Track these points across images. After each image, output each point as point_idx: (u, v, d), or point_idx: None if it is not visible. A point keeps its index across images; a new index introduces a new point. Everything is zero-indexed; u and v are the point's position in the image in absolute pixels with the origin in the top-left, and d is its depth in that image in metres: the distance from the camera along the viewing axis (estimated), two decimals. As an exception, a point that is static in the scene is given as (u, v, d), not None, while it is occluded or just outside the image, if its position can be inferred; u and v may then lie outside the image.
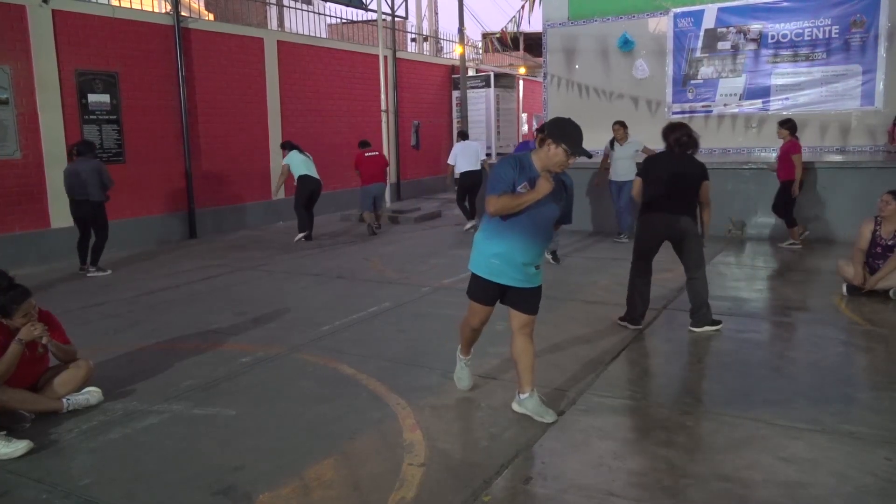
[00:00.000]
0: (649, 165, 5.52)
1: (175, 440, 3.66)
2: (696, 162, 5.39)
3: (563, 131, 3.46)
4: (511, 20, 13.86)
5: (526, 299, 3.71)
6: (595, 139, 12.50)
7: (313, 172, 10.29)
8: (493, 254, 3.62)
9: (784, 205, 8.65)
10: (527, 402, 3.77)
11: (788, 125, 8.61)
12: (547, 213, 3.57)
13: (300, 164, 10.23)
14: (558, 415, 3.78)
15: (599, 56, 12.73)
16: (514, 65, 27.70)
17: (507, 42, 14.22)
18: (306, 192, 10.20)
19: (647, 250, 5.41)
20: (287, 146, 10.60)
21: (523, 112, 21.22)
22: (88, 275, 8.13)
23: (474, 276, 3.74)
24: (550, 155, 3.47)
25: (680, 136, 5.42)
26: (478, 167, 10.80)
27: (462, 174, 10.79)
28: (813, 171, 9.16)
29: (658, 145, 12.93)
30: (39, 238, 9.11)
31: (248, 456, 3.43)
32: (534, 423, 3.69)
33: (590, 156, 3.71)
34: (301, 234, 10.29)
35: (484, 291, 3.72)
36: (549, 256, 7.91)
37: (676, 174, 5.30)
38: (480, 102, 18.03)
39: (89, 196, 7.98)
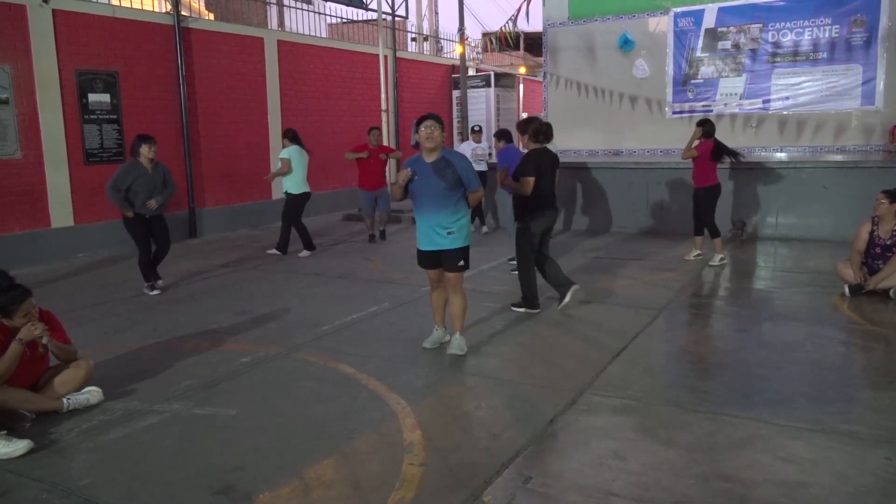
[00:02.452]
0: (538, 161, 5.81)
1: (175, 440, 3.66)
2: (552, 151, 6.06)
3: (417, 121, 4.69)
4: (509, 19, 13.86)
5: (447, 259, 4.75)
6: (595, 139, 12.64)
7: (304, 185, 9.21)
8: (417, 228, 4.83)
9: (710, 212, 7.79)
10: (452, 340, 4.87)
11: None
12: (432, 186, 4.60)
13: (295, 173, 9.10)
14: (558, 414, 3.79)
15: (600, 56, 12.72)
16: (515, 64, 27.69)
17: (504, 42, 14.21)
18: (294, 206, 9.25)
19: (536, 242, 5.95)
20: (289, 136, 9.29)
21: (523, 112, 21.21)
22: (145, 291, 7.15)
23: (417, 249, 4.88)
24: (420, 137, 4.65)
25: (539, 127, 5.94)
26: None
27: None
28: (812, 171, 9.17)
29: (657, 145, 12.87)
30: (39, 238, 9.10)
31: (248, 456, 3.43)
32: (534, 424, 3.69)
33: (418, 125, 4.66)
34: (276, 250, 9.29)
35: (420, 258, 4.87)
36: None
37: (551, 167, 5.96)
38: (481, 102, 18.02)
39: None
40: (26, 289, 3.90)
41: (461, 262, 4.74)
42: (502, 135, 7.74)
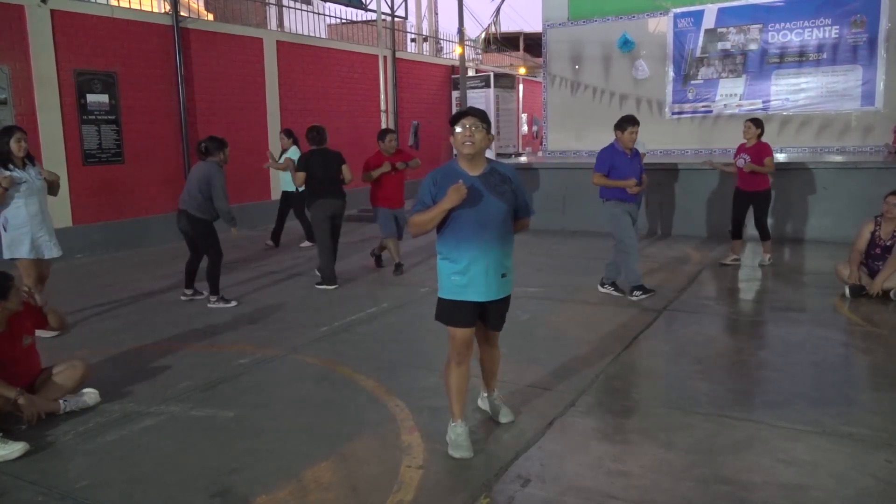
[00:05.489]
0: (310, 160, 7.13)
1: (172, 442, 3.64)
2: (333, 151, 7.27)
3: (453, 118, 3.35)
4: (493, 19, 13.95)
5: (497, 311, 3.47)
6: (596, 139, 12.52)
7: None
8: (455, 272, 3.32)
9: (764, 216, 7.55)
10: (497, 405, 3.79)
11: (760, 124, 7.39)
12: (491, 210, 3.28)
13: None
14: (557, 416, 3.77)
15: (599, 56, 12.72)
16: (514, 65, 27.71)
17: (490, 41, 14.33)
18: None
19: (326, 227, 7.11)
20: (289, 135, 10.05)
21: (523, 112, 21.20)
22: (209, 305, 6.56)
23: (442, 301, 3.41)
24: (454, 141, 3.32)
25: (314, 133, 7.29)
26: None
27: None
28: (813, 171, 9.16)
29: (657, 145, 12.86)
30: (38, 238, 9.05)
31: (245, 458, 3.42)
32: (533, 425, 3.67)
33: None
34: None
35: (457, 313, 3.35)
36: (608, 289, 6.57)
37: (327, 164, 7.09)
38: (480, 103, 17.95)
39: (188, 207, 6.50)
40: (3, 271, 3.88)
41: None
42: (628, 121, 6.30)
